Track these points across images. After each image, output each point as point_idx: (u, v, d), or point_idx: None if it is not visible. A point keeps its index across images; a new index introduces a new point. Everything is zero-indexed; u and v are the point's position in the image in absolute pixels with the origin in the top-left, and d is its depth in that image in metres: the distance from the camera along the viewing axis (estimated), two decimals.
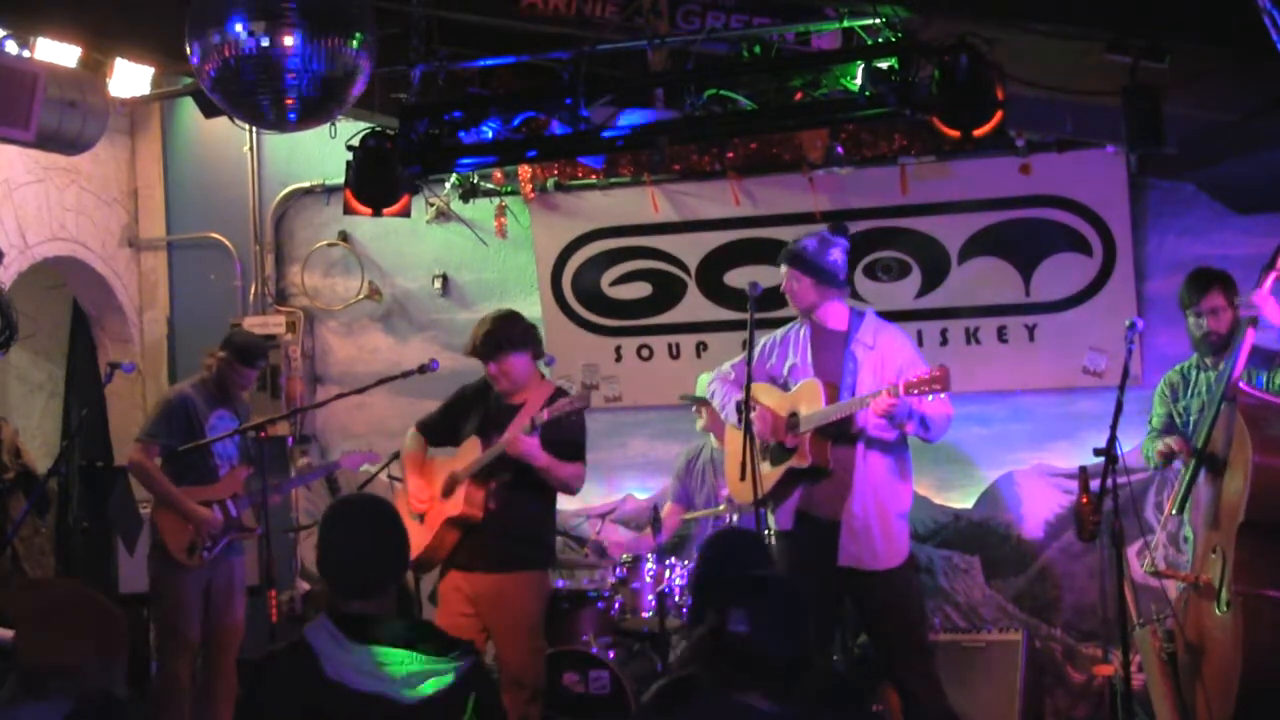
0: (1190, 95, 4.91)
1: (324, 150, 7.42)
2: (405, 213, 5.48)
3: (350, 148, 5.38)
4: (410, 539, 3.32)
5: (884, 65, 4.69)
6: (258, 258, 8.10)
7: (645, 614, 6.03)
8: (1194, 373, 5.23)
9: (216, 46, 4.08)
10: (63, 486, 6.44)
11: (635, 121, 5.26)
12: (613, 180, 7.20)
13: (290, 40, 4.03)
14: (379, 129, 5.52)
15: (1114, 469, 4.66)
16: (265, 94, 4.16)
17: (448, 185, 7.39)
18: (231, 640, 6.14)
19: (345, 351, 8.02)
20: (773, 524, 5.17)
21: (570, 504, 6.52)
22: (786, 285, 5.20)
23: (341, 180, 5.48)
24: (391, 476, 6.34)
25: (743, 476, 4.83)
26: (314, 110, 4.29)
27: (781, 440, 5.11)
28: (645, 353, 7.36)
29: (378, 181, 5.35)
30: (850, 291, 5.85)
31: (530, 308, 7.34)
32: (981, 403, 6.69)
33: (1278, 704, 4.47)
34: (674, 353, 7.30)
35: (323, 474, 6.72)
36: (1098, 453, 4.70)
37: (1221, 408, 4.78)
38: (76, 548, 6.88)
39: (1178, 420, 5.24)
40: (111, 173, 8.12)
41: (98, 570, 7.06)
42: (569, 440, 5.28)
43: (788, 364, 5.24)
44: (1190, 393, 5.20)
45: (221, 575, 6.11)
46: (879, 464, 5.06)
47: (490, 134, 5.33)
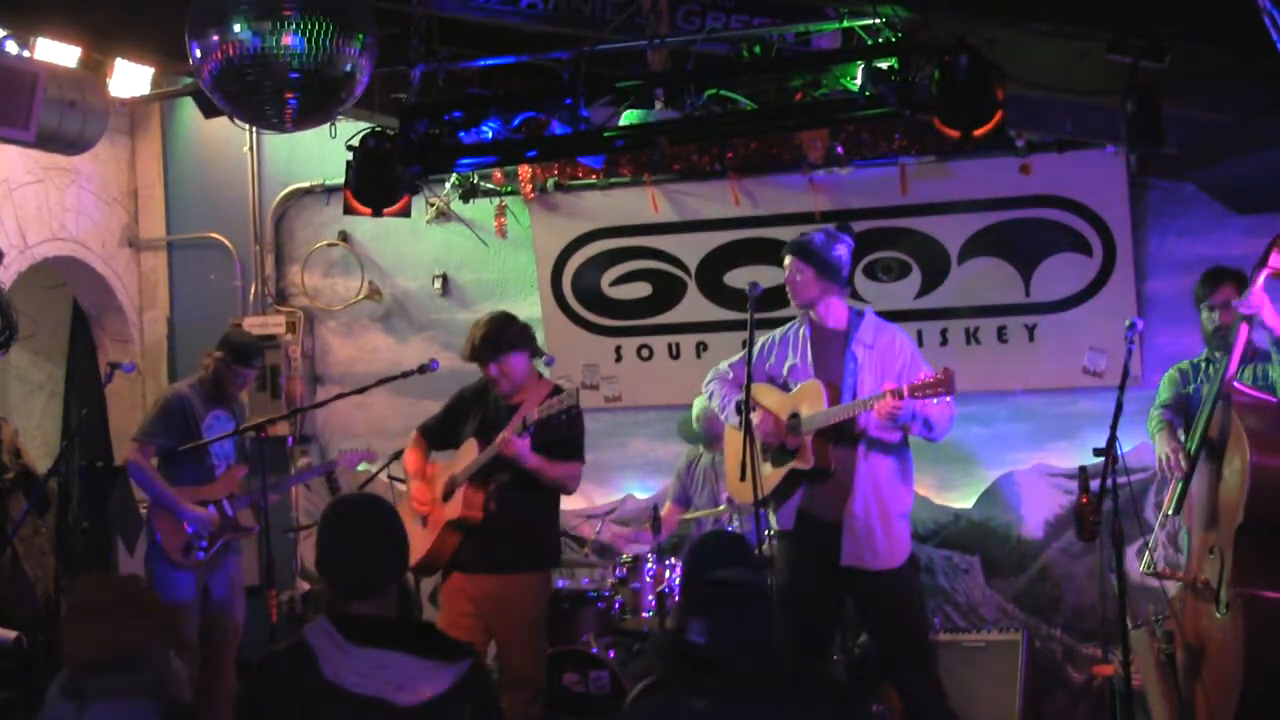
0: (1190, 95, 4.91)
1: (324, 150, 7.42)
2: (405, 213, 5.47)
3: (350, 148, 5.37)
4: (412, 542, 3.31)
5: (884, 65, 4.68)
6: (258, 258, 8.10)
7: (645, 614, 6.02)
8: (1205, 364, 5.22)
9: (216, 46, 4.08)
10: (63, 486, 6.42)
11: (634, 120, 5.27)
12: (613, 180, 7.21)
13: (290, 40, 4.03)
14: (379, 129, 5.51)
15: (1114, 469, 4.65)
16: (265, 94, 4.15)
17: (448, 185, 7.39)
18: (229, 640, 6.14)
19: (345, 351, 8.02)
20: (774, 524, 5.17)
21: (570, 504, 6.52)
22: (789, 278, 5.15)
23: (341, 180, 5.47)
24: (392, 477, 6.34)
25: (743, 477, 4.83)
26: (314, 110, 4.29)
27: (783, 441, 5.10)
28: (645, 353, 7.36)
29: (378, 181, 5.34)
30: (850, 291, 5.85)
31: (530, 308, 7.35)
32: (981, 403, 6.69)
33: (1279, 706, 4.47)
34: (674, 353, 7.30)
35: (320, 473, 6.72)
36: (1098, 453, 4.69)
37: (1217, 407, 4.77)
38: (76, 548, 6.85)
39: (1187, 401, 5.23)
40: (111, 173, 8.11)
41: (98, 570, 7.05)
42: (565, 439, 5.26)
43: (787, 364, 5.23)
44: (1200, 379, 5.19)
45: (219, 575, 6.10)
46: (880, 464, 5.05)
47: (490, 134, 5.32)
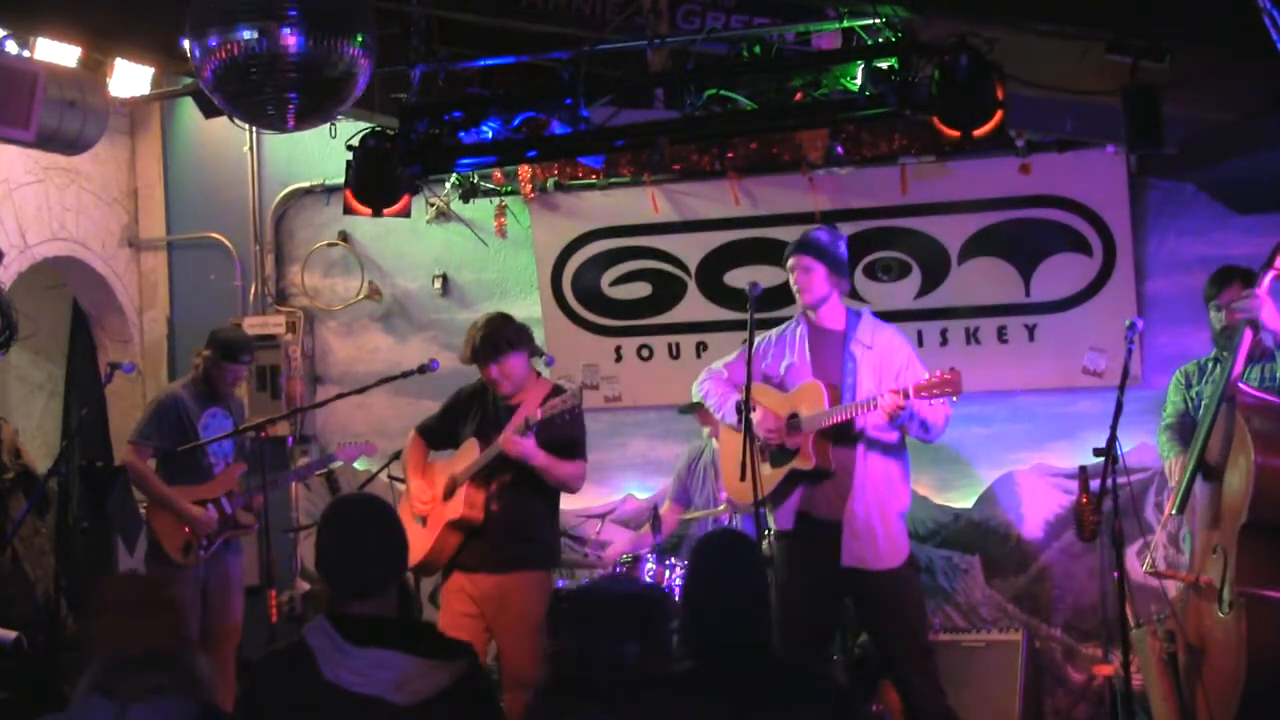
0: (1190, 95, 4.91)
1: (324, 150, 7.42)
2: (405, 213, 5.47)
3: (350, 148, 5.37)
4: (413, 542, 3.31)
5: (884, 65, 4.69)
6: (258, 258, 8.10)
7: None
8: (1211, 364, 5.23)
9: (216, 46, 4.08)
10: (63, 486, 6.42)
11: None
12: (613, 180, 7.20)
13: (290, 40, 4.03)
14: (379, 129, 5.51)
15: (1114, 469, 4.65)
16: (265, 94, 4.15)
17: (448, 185, 7.38)
18: (228, 639, 6.14)
19: (345, 351, 8.02)
20: (772, 524, 5.17)
21: (571, 504, 6.51)
22: (798, 277, 5.12)
23: (341, 180, 5.47)
24: (392, 477, 6.33)
25: (743, 477, 4.82)
26: (314, 110, 4.28)
27: (782, 441, 5.10)
28: (645, 353, 7.36)
29: (378, 181, 5.34)
30: (851, 291, 5.85)
31: (530, 308, 7.35)
32: (981, 403, 6.67)
33: None
34: (674, 353, 7.29)
35: (319, 467, 6.71)
36: (1098, 453, 4.69)
37: (1221, 408, 4.77)
38: (76, 548, 6.85)
39: (1189, 407, 5.24)
40: (111, 173, 8.11)
41: (98, 570, 7.04)
42: (567, 439, 5.27)
43: (784, 364, 5.22)
44: (1205, 380, 5.20)
45: (218, 574, 6.11)
46: (880, 464, 5.06)
47: (490, 134, 5.32)
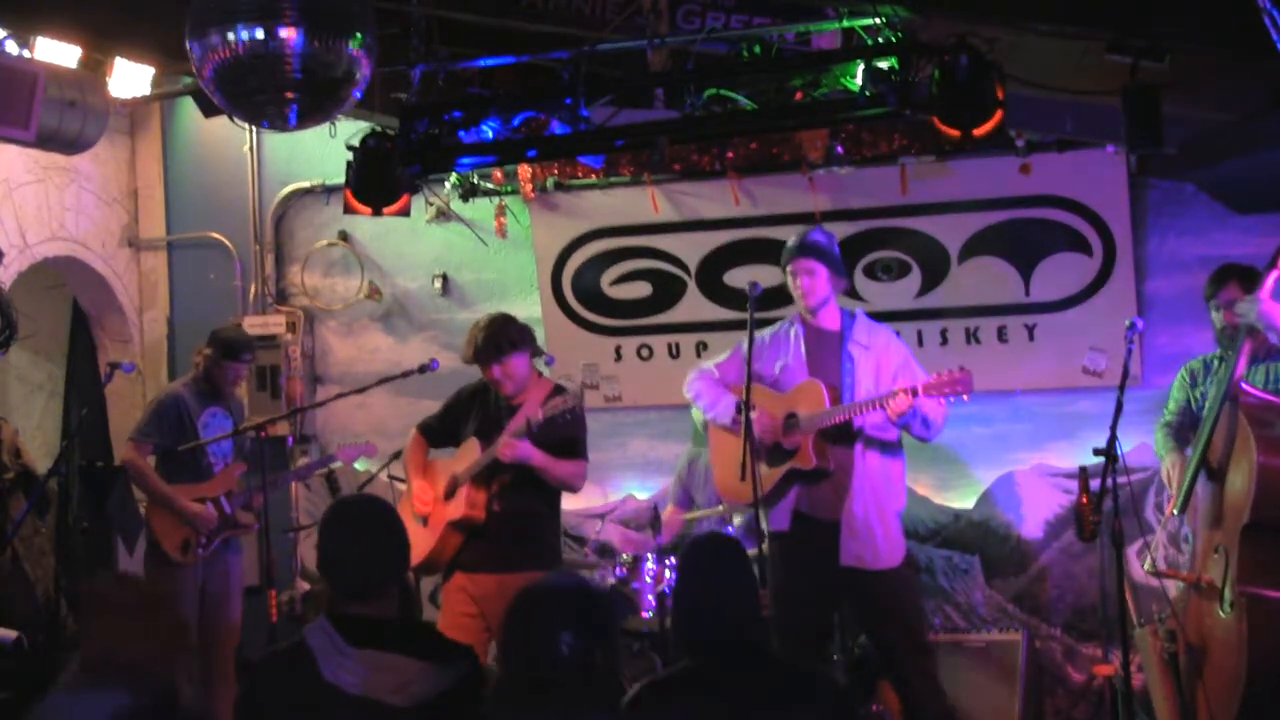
0: (1190, 95, 4.91)
1: (324, 150, 7.41)
2: (405, 212, 5.47)
3: (350, 147, 5.37)
4: (414, 542, 3.30)
5: (884, 65, 4.68)
6: (258, 258, 8.09)
7: (645, 614, 6.02)
8: (1216, 362, 5.23)
9: (216, 46, 4.08)
10: (63, 486, 6.42)
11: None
12: (613, 180, 7.19)
13: (290, 40, 4.03)
14: (379, 129, 5.51)
15: (1114, 469, 4.65)
16: (265, 94, 4.15)
17: (448, 185, 7.37)
18: (228, 639, 6.14)
19: (345, 351, 8.01)
20: (766, 524, 5.15)
21: (571, 504, 6.51)
22: (802, 281, 5.10)
23: (341, 180, 5.47)
24: (392, 477, 6.33)
25: (743, 477, 4.81)
26: (314, 110, 4.28)
27: (778, 441, 5.10)
28: (645, 352, 7.35)
29: (378, 181, 5.34)
30: (850, 291, 5.85)
31: (530, 308, 7.35)
32: (981, 403, 6.63)
33: None
34: (674, 352, 7.29)
35: (319, 467, 6.71)
36: (1098, 453, 4.68)
37: (1224, 408, 4.77)
38: (76, 548, 6.85)
39: (1193, 405, 5.24)
40: (111, 173, 8.11)
41: (98, 570, 7.05)
42: (568, 438, 5.27)
43: (779, 364, 5.21)
44: (1209, 379, 5.19)
45: (217, 573, 6.11)
46: (878, 464, 5.06)
47: (490, 134, 5.32)
